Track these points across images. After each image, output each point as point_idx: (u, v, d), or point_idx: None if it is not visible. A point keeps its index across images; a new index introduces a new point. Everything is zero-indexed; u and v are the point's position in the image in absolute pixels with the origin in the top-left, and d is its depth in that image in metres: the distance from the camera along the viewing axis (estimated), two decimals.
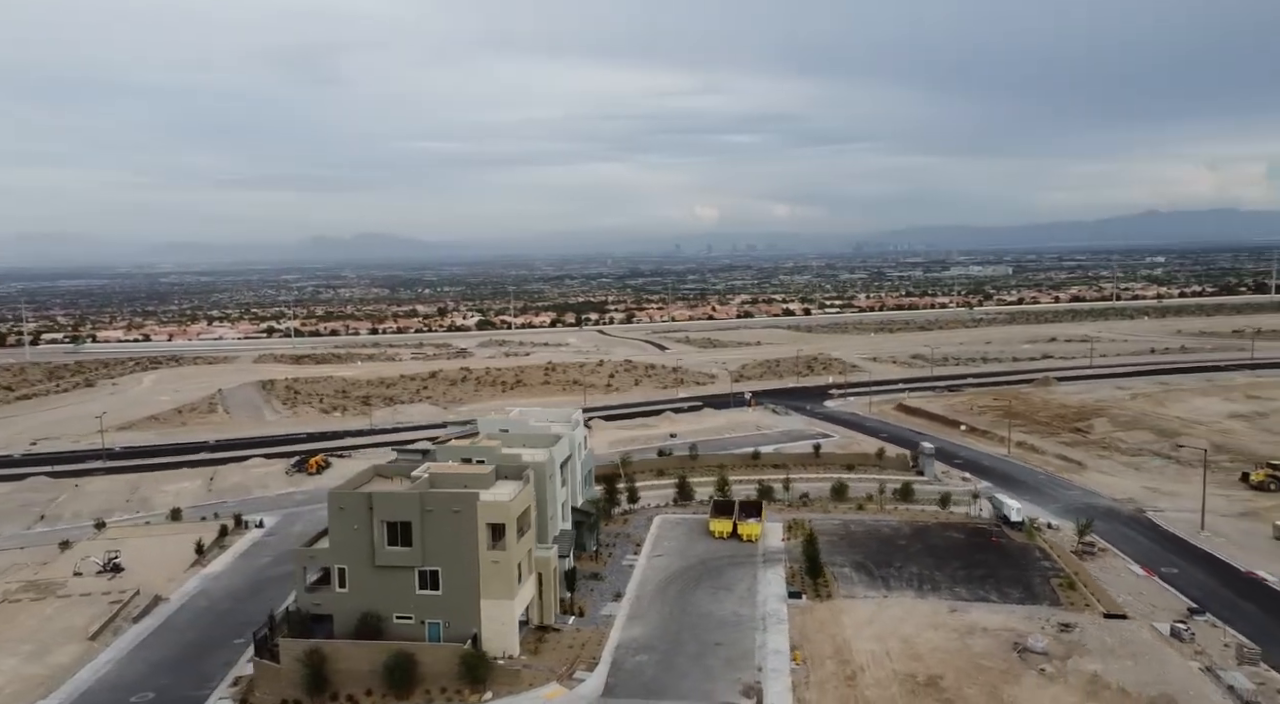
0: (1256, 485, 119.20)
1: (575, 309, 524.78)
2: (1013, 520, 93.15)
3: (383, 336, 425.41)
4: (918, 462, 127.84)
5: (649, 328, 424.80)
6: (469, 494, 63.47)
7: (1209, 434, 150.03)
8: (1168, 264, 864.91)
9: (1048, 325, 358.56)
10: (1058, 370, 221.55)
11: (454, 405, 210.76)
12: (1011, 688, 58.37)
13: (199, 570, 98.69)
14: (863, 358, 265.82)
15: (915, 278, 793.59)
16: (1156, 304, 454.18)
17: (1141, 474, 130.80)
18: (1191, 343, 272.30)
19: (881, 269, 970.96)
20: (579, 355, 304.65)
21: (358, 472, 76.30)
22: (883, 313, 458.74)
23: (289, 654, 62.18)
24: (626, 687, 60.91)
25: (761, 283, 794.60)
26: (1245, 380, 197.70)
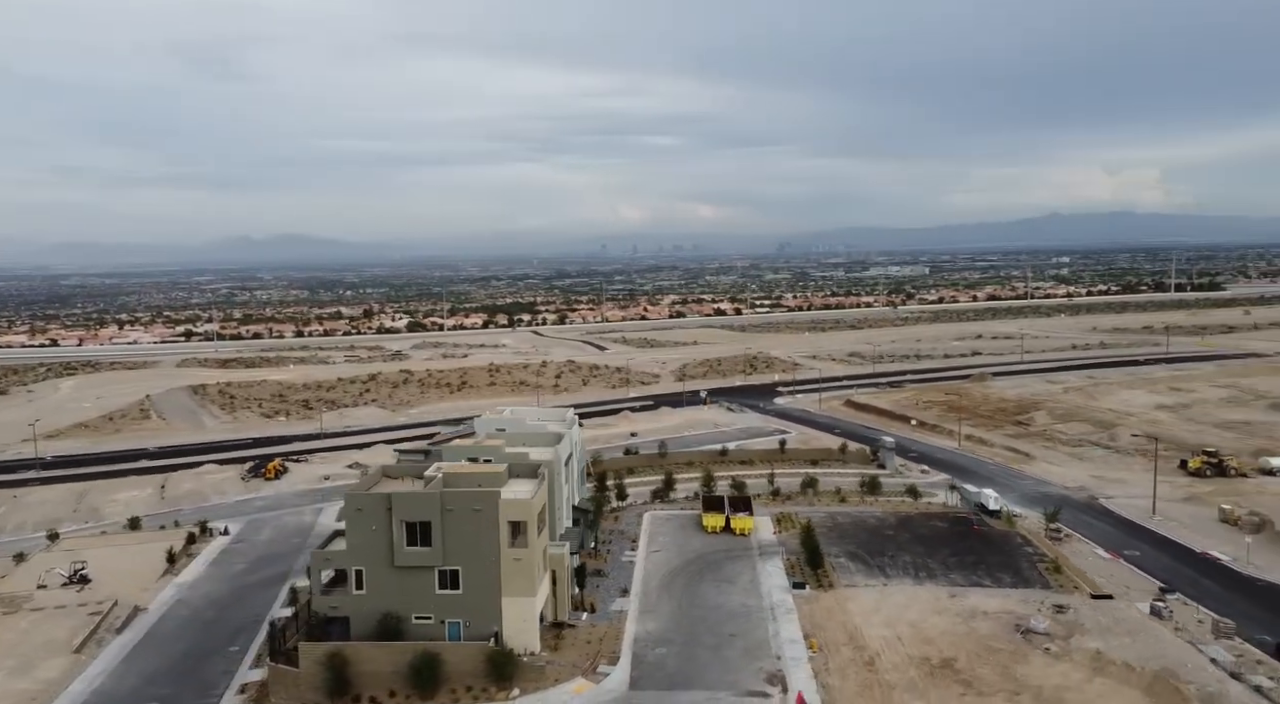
0: (1194, 472, 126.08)
1: (504, 310, 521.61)
2: (991, 509, 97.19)
3: (310, 339, 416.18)
4: (878, 455, 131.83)
5: (583, 329, 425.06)
6: (491, 493, 63.67)
7: (1140, 425, 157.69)
8: (1072, 264, 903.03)
9: (970, 323, 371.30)
10: (991, 366, 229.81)
11: (402, 408, 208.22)
12: (1021, 667, 61.35)
13: (171, 579, 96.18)
14: (802, 356, 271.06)
15: (838, 278, 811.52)
16: (1067, 303, 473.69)
17: (1086, 463, 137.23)
18: (1109, 339, 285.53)
19: (805, 269, 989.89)
20: (518, 356, 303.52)
21: (368, 474, 75.48)
22: (811, 312, 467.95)
23: (308, 657, 61.49)
24: (652, 679, 61.95)
25: (689, 283, 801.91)
26: (1165, 374, 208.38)
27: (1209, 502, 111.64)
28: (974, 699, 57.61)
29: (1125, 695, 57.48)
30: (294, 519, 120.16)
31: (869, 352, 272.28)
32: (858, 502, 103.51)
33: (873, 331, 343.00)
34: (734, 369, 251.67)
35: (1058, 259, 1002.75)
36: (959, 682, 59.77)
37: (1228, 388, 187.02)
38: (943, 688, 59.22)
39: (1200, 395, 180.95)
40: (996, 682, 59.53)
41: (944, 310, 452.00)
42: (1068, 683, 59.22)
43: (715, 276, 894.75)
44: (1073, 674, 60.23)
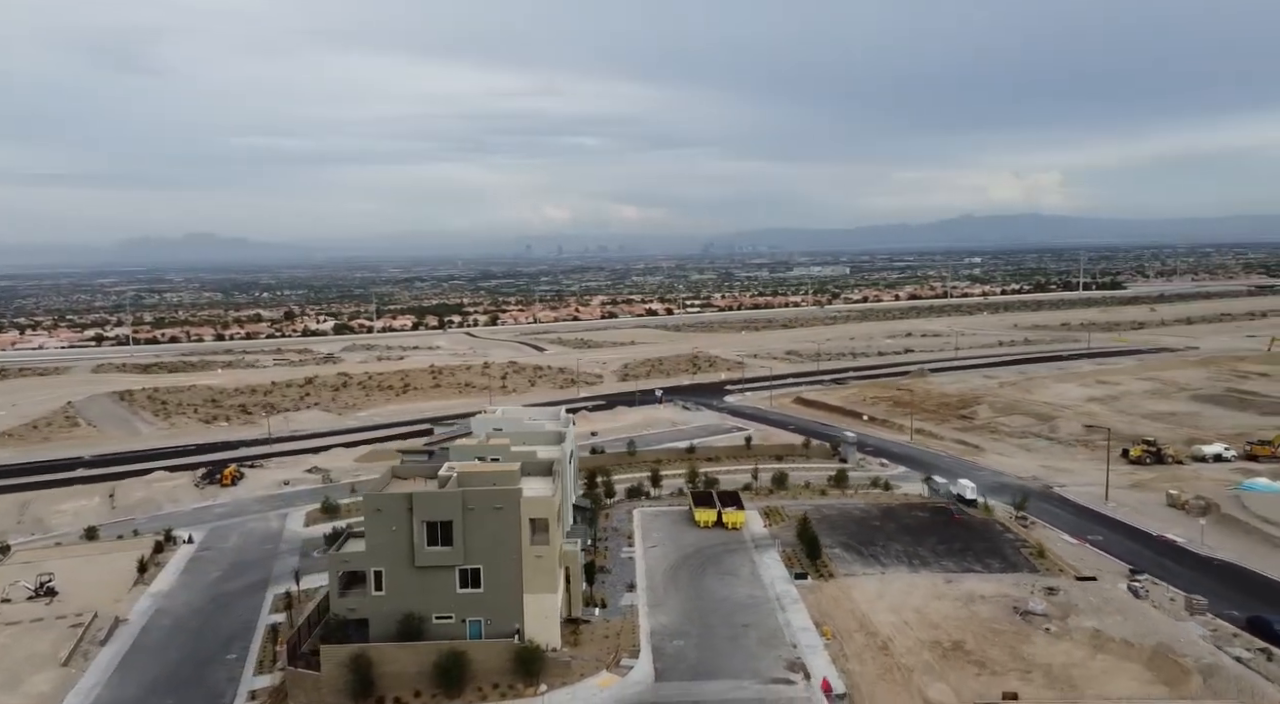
0: (1135, 460, 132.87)
1: (432, 312, 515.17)
2: (968, 498, 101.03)
3: (233, 343, 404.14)
4: (839, 450, 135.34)
5: (517, 330, 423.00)
6: (513, 490, 63.95)
7: (1077, 416, 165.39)
8: (984, 264, 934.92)
9: (896, 322, 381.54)
10: (928, 363, 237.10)
11: (349, 411, 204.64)
12: (1027, 647, 64.46)
13: (144, 589, 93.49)
14: (742, 355, 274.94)
15: (762, 278, 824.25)
16: (985, 301, 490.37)
17: (1033, 454, 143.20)
18: (1032, 336, 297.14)
19: (730, 270, 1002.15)
20: (456, 358, 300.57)
21: (377, 475, 74.74)
22: (742, 312, 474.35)
23: (330, 660, 60.91)
24: (676, 670, 63.12)
25: (616, 283, 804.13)
26: (1091, 368, 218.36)
27: (1154, 488, 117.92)
28: (989, 679, 60.39)
29: (1128, 670, 60.98)
30: (260, 525, 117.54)
31: (807, 350, 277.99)
32: (839, 495, 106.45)
33: (806, 330, 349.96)
34: (677, 368, 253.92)
35: (970, 259, 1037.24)
36: (972, 663, 62.52)
37: (1150, 381, 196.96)
38: (958, 669, 61.88)
39: (1126, 388, 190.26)
40: (1007, 661, 62.46)
41: (870, 309, 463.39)
42: (1072, 660, 62.51)
43: (642, 277, 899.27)
44: (1075, 652, 63.58)
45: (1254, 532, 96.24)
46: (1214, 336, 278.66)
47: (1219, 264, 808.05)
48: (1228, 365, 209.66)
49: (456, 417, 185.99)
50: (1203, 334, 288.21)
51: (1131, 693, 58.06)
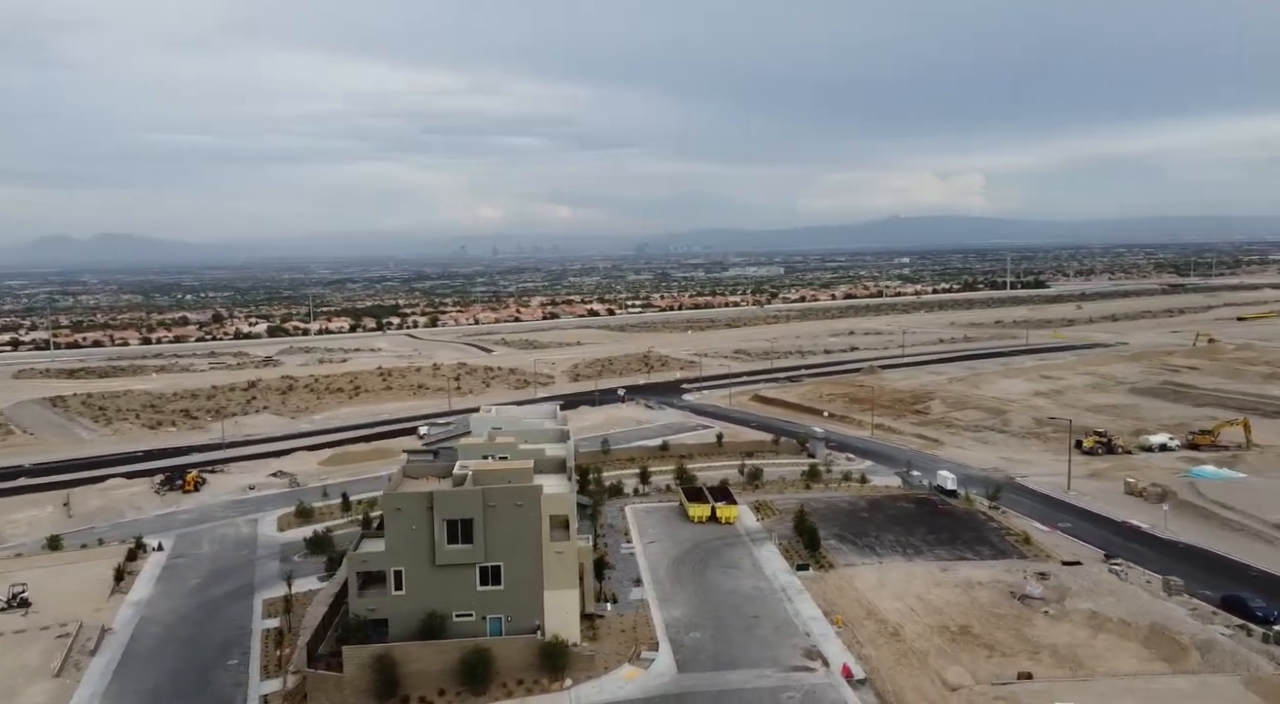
0: (1088, 451, 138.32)
1: (367, 313, 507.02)
2: (949, 489, 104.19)
3: (162, 347, 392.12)
4: (807, 446, 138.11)
5: (459, 331, 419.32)
6: (533, 488, 64.24)
7: (1026, 410, 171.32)
8: (912, 264, 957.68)
9: (836, 321, 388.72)
10: (878, 360, 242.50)
11: (302, 414, 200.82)
12: (1030, 629, 67.19)
13: (122, 598, 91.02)
14: (692, 354, 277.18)
15: (699, 278, 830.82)
16: (917, 300, 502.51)
17: (990, 447, 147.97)
18: (972, 333, 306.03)
19: (666, 270, 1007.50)
20: (401, 359, 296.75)
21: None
22: (683, 312, 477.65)
23: (353, 661, 60.50)
24: (697, 661, 64.18)
25: (553, 284, 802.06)
26: (1032, 364, 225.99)
27: (1111, 477, 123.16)
28: (1000, 660, 62.85)
29: (1128, 649, 64.07)
30: (230, 531, 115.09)
31: (755, 349, 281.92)
32: (821, 488, 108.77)
33: (751, 330, 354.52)
34: (629, 368, 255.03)
35: (899, 259, 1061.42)
36: (982, 646, 64.95)
37: (1089, 375, 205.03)
38: (969, 652, 64.23)
39: (1068, 382, 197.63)
40: (1014, 644, 65.05)
41: (809, 309, 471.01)
42: (1075, 641, 65.38)
43: (579, 277, 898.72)
44: (1076, 633, 66.51)
45: (1211, 516, 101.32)
46: (1140, 333, 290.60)
47: (1132, 264, 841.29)
48: (1159, 360, 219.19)
49: (423, 418, 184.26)
50: (1128, 331, 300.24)
51: (1136, 670, 61.08)
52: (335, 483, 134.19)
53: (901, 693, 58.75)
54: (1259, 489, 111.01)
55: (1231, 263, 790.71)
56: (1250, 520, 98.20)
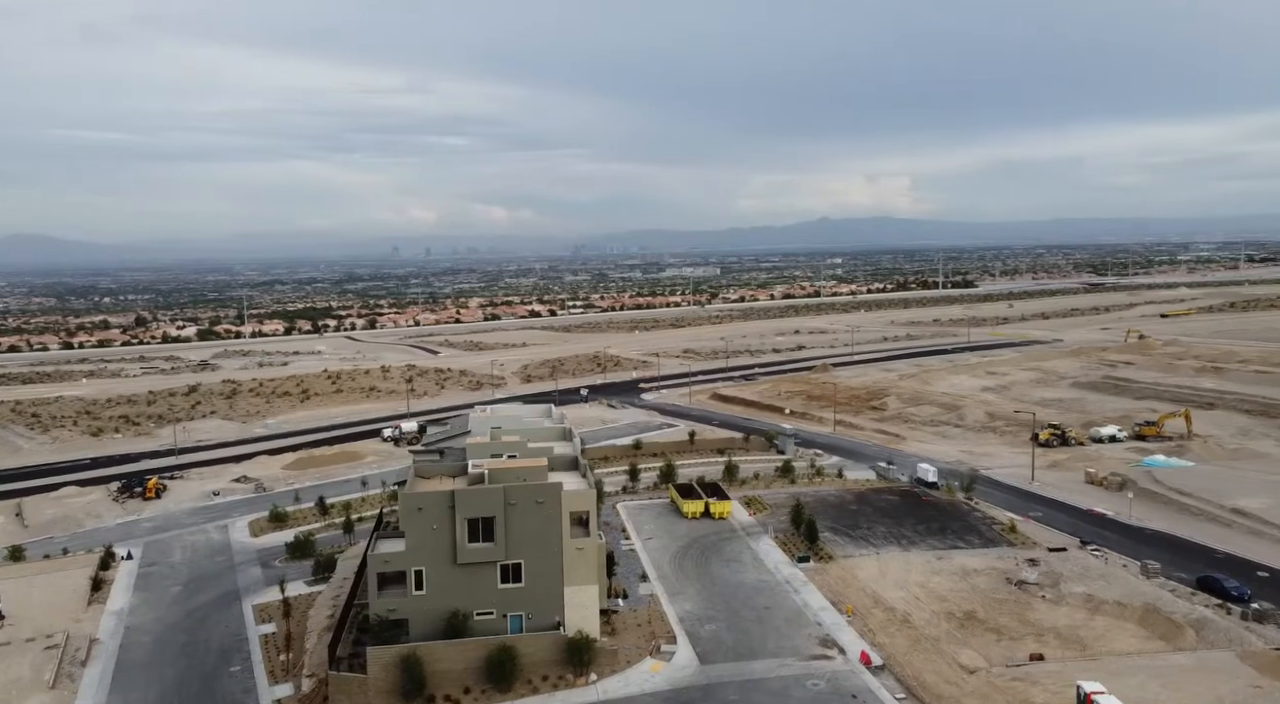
0: (1044, 443, 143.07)
1: (300, 316, 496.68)
2: (930, 481, 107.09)
3: (87, 351, 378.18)
4: (775, 443, 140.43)
5: (400, 333, 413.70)
6: (554, 485, 64.43)
7: (977, 404, 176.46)
8: (844, 264, 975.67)
9: (779, 320, 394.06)
10: (825, 358, 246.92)
11: (254, 419, 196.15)
12: (1031, 613, 69.82)
13: (102, 608, 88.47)
14: (643, 354, 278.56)
15: (636, 279, 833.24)
16: (853, 300, 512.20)
17: (950, 441, 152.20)
18: (914, 332, 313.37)
19: (603, 271, 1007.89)
20: (345, 362, 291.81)
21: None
22: (625, 312, 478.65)
23: (378, 662, 60.06)
24: (717, 653, 65.16)
25: (489, 285, 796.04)
26: (977, 360, 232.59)
27: (1069, 468, 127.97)
28: (1009, 643, 65.23)
29: (1126, 629, 67.07)
30: (200, 538, 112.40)
31: (704, 348, 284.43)
32: (806, 483, 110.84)
33: (696, 330, 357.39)
34: (581, 368, 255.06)
35: (832, 260, 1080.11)
36: (989, 630, 67.29)
37: (1033, 371, 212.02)
38: (978, 636, 66.50)
39: (1014, 378, 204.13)
40: (1019, 627, 67.56)
41: (750, 308, 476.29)
42: (1074, 622, 68.19)
43: (515, 278, 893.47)
44: (1075, 615, 69.36)
45: (1171, 503, 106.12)
46: (1072, 330, 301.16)
47: (1052, 264, 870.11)
48: (1096, 355, 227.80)
49: (382, 420, 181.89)
50: (1061, 328, 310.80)
51: (1137, 648, 64.02)
52: (303, 487, 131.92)
53: (920, 677, 60.61)
54: (1210, 476, 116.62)
55: (1144, 263, 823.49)
56: (1207, 506, 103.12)
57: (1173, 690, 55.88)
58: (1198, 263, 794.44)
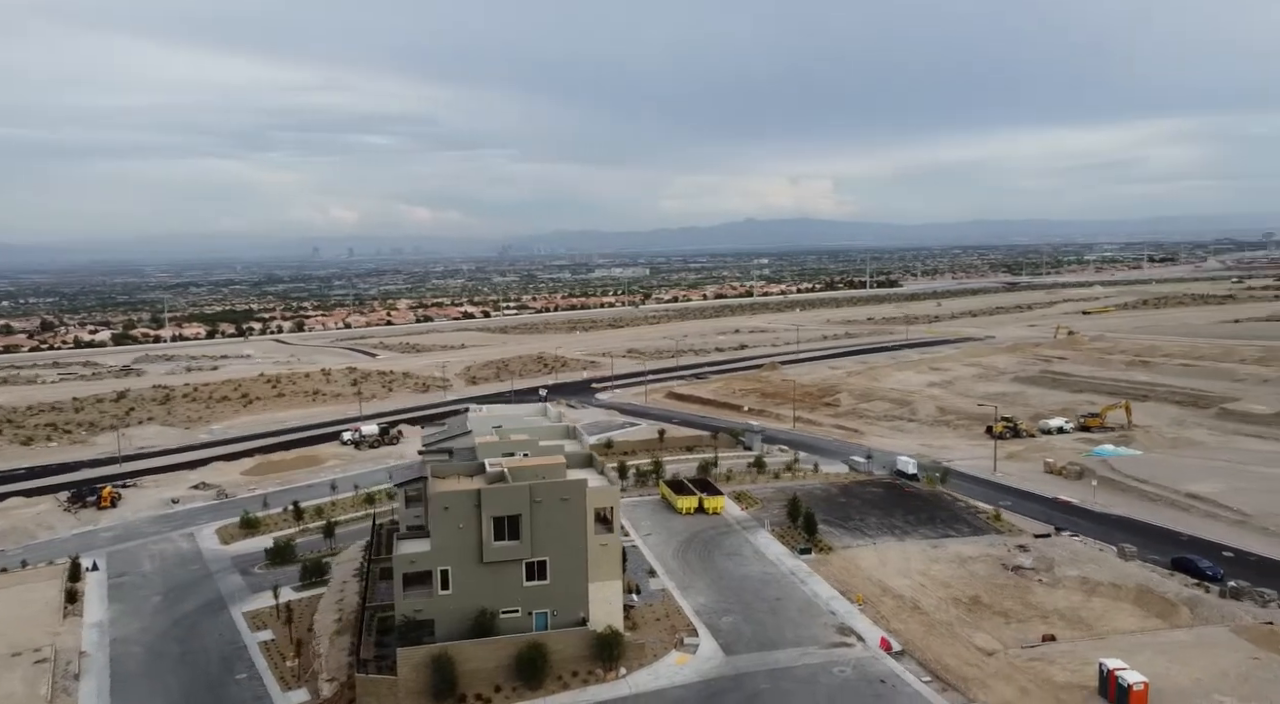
0: (998, 435, 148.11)
1: (220, 319, 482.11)
2: (910, 473, 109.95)
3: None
4: (742, 439, 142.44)
5: (331, 335, 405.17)
6: (578, 482, 64.48)
7: (926, 400, 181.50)
8: (771, 265, 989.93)
9: (715, 319, 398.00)
10: (770, 357, 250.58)
11: (197, 425, 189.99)
12: (1032, 596, 72.54)
13: (79, 620, 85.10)
14: (588, 354, 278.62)
15: (565, 280, 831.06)
16: (785, 299, 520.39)
17: (907, 435, 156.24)
18: (852, 330, 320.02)
19: (531, 272, 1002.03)
20: (279, 366, 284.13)
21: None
22: (560, 313, 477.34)
23: (409, 663, 59.44)
24: (740, 644, 66.08)
25: (416, 286, 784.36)
26: (918, 357, 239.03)
27: (1026, 458, 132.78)
28: (1018, 626, 67.74)
29: (1123, 609, 70.26)
30: (168, 547, 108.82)
31: (648, 348, 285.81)
32: (790, 478, 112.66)
33: (638, 329, 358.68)
34: (527, 369, 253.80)
35: (758, 260, 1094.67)
36: (996, 614, 69.74)
37: (973, 366, 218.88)
38: (988, 619, 68.87)
39: (956, 373, 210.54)
40: (1023, 610, 70.18)
41: (685, 308, 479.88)
42: (1073, 604, 71.14)
43: (443, 280, 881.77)
44: (1073, 597, 72.34)
45: (1130, 489, 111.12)
46: (1001, 327, 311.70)
47: (969, 264, 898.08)
48: (1031, 351, 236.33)
49: (336, 424, 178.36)
50: (990, 325, 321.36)
51: (1138, 626, 67.19)
52: (267, 492, 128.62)
53: (941, 660, 62.54)
54: (1159, 464, 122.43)
55: (1054, 263, 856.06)
56: (1164, 492, 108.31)
57: (1180, 665, 58.89)
58: (1103, 262, 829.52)
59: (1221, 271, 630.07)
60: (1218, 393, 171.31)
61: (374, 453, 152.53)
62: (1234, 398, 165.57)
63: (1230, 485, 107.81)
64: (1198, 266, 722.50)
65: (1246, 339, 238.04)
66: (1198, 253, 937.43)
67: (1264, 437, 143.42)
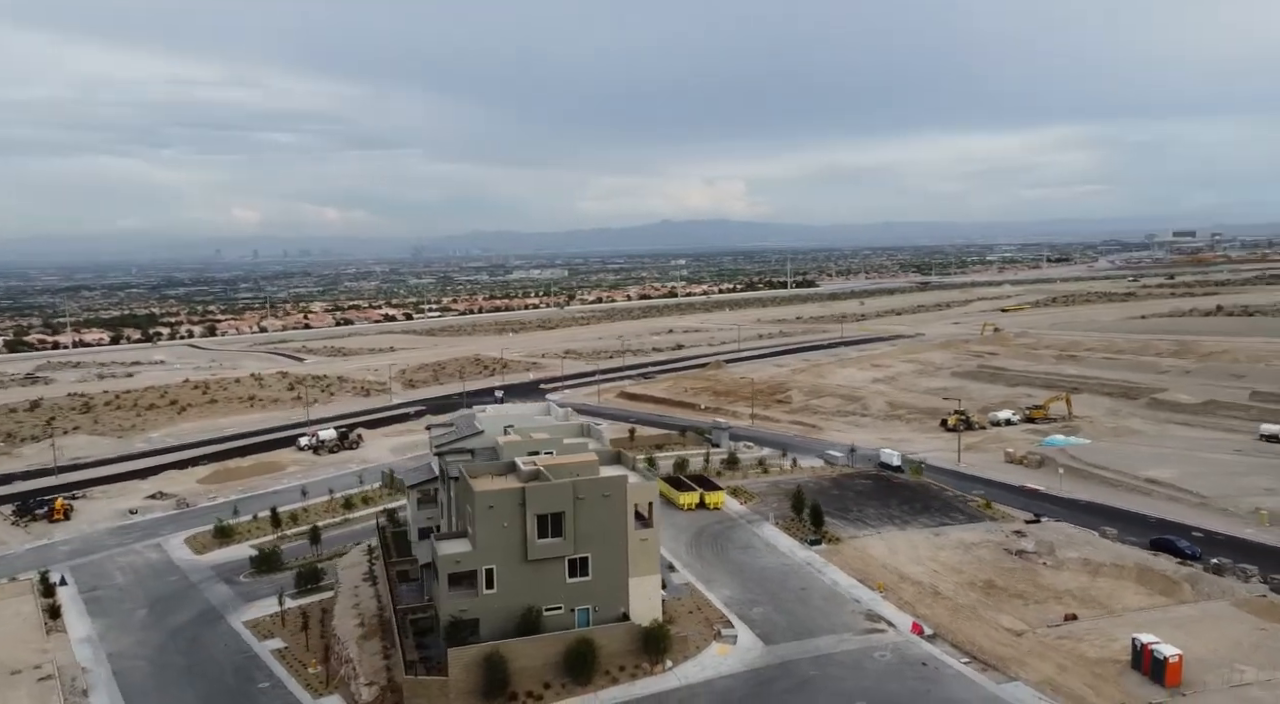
0: (951, 428, 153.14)
1: (122, 323, 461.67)
2: (894, 465, 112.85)
3: None
4: (709, 436, 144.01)
5: (247, 339, 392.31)
6: (619, 478, 64.61)
7: (875, 395, 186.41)
8: (689, 265, 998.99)
9: (645, 320, 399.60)
10: (716, 355, 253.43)
11: (131, 433, 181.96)
12: (1041, 578, 75.60)
13: (65, 636, 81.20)
14: (526, 356, 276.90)
15: (483, 281, 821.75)
16: (709, 299, 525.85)
17: (863, 429, 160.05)
18: (786, 329, 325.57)
19: (447, 273, 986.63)
20: (200, 371, 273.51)
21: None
22: (484, 315, 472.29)
23: (459, 663, 58.75)
24: (776, 633, 67.09)
25: (327, 289, 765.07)
26: (856, 354, 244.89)
27: (984, 449, 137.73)
28: (1037, 606, 70.58)
29: (1128, 587, 73.86)
30: (136, 559, 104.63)
31: (585, 349, 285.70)
32: (778, 472, 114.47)
33: (571, 331, 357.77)
34: (466, 371, 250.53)
35: (676, 261, 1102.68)
36: (1012, 596, 72.49)
37: (912, 363, 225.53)
38: (1006, 601, 71.54)
39: (897, 369, 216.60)
40: (1037, 591, 73.13)
41: (612, 309, 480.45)
42: (1081, 585, 74.45)
43: (355, 282, 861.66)
44: (1079, 578, 75.68)
45: (1091, 476, 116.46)
46: (927, 325, 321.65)
47: (880, 264, 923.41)
48: (963, 347, 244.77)
49: (284, 429, 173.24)
50: (915, 323, 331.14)
51: (1146, 604, 70.76)
52: (236, 499, 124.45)
53: (975, 641, 64.79)
54: (1113, 451, 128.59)
55: (959, 263, 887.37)
56: (1124, 478, 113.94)
57: (1196, 637, 62.40)
58: (1006, 263, 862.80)
59: (1113, 271, 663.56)
60: (1145, 384, 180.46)
61: (335, 458, 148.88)
62: (1161, 389, 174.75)
63: (1183, 470, 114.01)
64: (1090, 266, 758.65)
65: (1156, 334, 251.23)
66: (1089, 253, 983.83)
67: (1192, 425, 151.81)
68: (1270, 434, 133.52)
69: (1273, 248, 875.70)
